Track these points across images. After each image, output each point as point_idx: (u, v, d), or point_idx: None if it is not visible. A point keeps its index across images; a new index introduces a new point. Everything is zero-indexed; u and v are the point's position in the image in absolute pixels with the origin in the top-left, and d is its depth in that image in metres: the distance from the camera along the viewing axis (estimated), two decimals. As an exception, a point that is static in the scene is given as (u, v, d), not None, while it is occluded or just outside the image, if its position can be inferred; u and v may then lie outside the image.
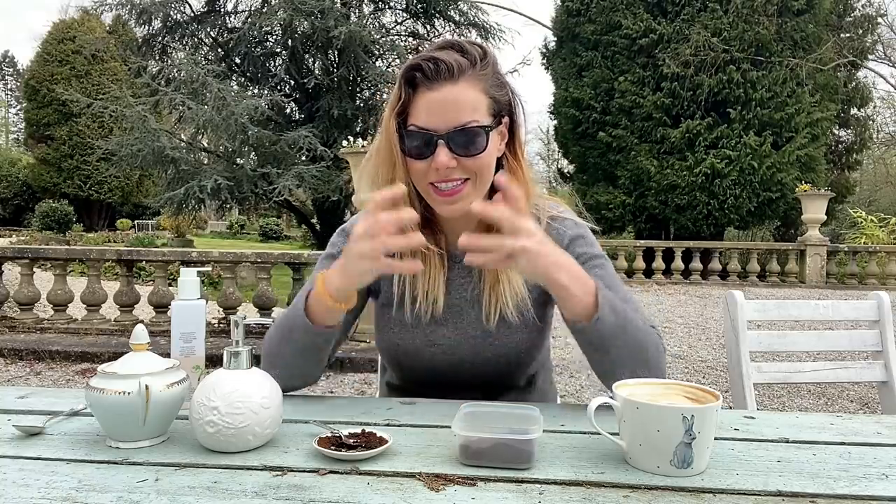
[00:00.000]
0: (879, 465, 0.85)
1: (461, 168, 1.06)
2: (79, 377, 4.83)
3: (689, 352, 6.16)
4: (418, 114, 1.06)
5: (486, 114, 1.06)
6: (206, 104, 12.40)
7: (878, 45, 19.59)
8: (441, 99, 1.04)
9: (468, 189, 1.08)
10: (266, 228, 31.71)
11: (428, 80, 1.04)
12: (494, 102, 1.08)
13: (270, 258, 6.07)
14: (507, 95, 1.11)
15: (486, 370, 1.21)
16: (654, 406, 0.82)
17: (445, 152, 1.04)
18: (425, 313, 1.18)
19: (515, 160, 1.14)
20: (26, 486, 0.74)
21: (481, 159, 1.06)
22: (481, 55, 1.08)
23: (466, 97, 1.05)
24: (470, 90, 1.05)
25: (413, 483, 0.77)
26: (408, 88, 1.07)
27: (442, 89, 1.04)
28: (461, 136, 1.04)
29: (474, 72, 1.06)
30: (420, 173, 1.08)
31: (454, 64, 1.04)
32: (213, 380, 0.87)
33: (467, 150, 1.05)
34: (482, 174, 1.08)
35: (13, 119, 54.30)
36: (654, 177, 14.35)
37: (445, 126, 1.04)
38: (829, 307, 1.79)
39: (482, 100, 1.06)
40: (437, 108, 1.04)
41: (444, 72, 1.04)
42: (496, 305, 1.16)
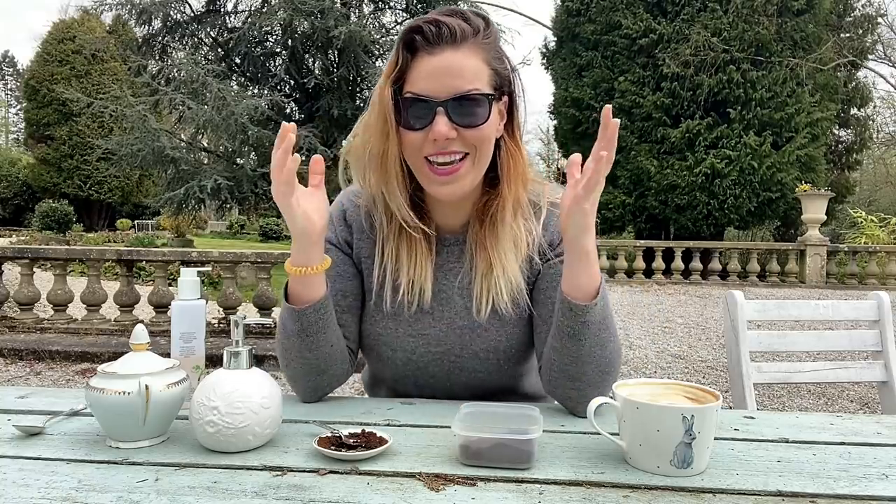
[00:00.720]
0: (879, 465, 0.85)
1: (460, 140, 1.00)
2: (79, 377, 4.83)
3: (689, 352, 6.16)
4: (416, 80, 0.99)
5: (487, 84, 1.00)
6: (206, 104, 12.39)
7: (878, 45, 19.61)
8: (442, 64, 0.98)
9: (466, 167, 1.02)
10: (266, 228, 31.70)
11: (428, 44, 0.98)
12: (496, 75, 1.02)
13: (270, 258, 6.07)
14: (507, 71, 1.05)
15: (473, 365, 1.14)
16: (654, 406, 0.82)
17: (445, 121, 0.97)
18: (409, 304, 1.11)
19: (513, 142, 1.08)
20: (26, 486, 0.74)
21: (482, 131, 1.00)
22: (484, 25, 1.02)
23: (469, 64, 0.99)
24: (472, 58, 0.99)
25: (413, 483, 0.77)
26: (406, 53, 1.00)
27: (443, 54, 0.98)
28: (462, 104, 0.98)
29: (477, 40, 1.00)
30: (415, 146, 1.01)
31: (457, 28, 0.98)
32: (213, 380, 0.87)
33: (468, 120, 0.99)
34: (482, 149, 1.02)
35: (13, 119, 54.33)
36: (654, 177, 14.35)
37: (446, 93, 0.97)
38: (829, 307, 1.79)
39: (484, 70, 1.00)
40: (437, 74, 0.98)
41: (447, 35, 0.98)
42: (488, 297, 1.09)
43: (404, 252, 1.11)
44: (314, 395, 1.11)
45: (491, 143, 1.04)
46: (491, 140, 1.03)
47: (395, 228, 1.11)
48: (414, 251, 1.10)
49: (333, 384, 1.12)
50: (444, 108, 0.98)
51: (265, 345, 5.30)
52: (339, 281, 1.14)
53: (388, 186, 1.06)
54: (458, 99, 0.98)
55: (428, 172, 1.03)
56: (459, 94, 0.98)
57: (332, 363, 1.09)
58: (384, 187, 1.07)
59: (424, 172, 1.03)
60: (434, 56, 0.98)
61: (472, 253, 1.12)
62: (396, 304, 1.12)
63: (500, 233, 1.09)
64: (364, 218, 1.16)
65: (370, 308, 1.15)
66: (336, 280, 1.13)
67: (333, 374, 1.10)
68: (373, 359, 1.23)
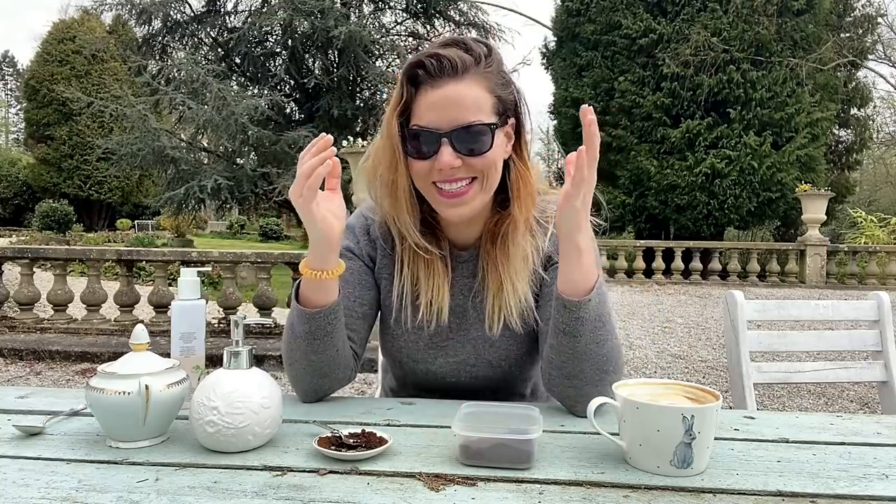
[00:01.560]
0: (879, 465, 0.85)
1: (466, 167, 1.03)
2: (79, 377, 4.83)
3: (689, 352, 6.16)
4: (421, 113, 1.03)
5: (490, 112, 1.03)
6: (206, 104, 12.39)
7: (878, 45, 19.61)
8: (444, 97, 1.01)
9: (474, 190, 1.05)
10: (266, 228, 31.70)
11: (431, 78, 1.02)
12: (499, 101, 1.05)
13: (270, 258, 6.07)
14: (512, 95, 1.08)
15: (487, 374, 1.19)
16: (654, 406, 0.82)
17: (449, 151, 1.01)
18: (429, 323, 1.15)
19: (522, 162, 1.11)
20: (26, 486, 0.74)
21: (486, 158, 1.03)
22: (486, 53, 1.05)
23: (471, 95, 1.02)
24: (474, 88, 1.02)
25: (413, 483, 0.77)
26: (410, 87, 1.04)
27: (445, 87, 1.01)
28: (465, 134, 1.01)
29: (479, 69, 1.03)
30: (423, 173, 1.05)
31: (458, 61, 1.01)
32: (213, 380, 0.87)
33: (472, 149, 1.02)
34: (489, 174, 1.05)
35: (13, 119, 54.34)
36: (654, 177, 14.35)
37: (449, 124, 1.01)
38: (829, 307, 1.79)
39: (487, 98, 1.03)
40: (440, 106, 1.01)
41: (448, 69, 1.01)
42: (500, 314, 1.13)
43: (422, 273, 1.15)
44: (314, 396, 1.12)
45: (497, 168, 1.07)
46: (497, 165, 1.06)
47: (410, 249, 1.15)
48: (431, 272, 1.14)
49: (335, 387, 1.13)
50: (448, 139, 1.01)
51: (265, 345, 5.30)
52: (359, 288, 1.17)
53: (399, 213, 1.11)
54: (461, 129, 1.01)
55: (437, 196, 1.07)
56: (462, 124, 1.01)
57: (337, 367, 1.11)
58: (395, 214, 1.12)
59: (434, 196, 1.07)
60: (437, 89, 1.02)
61: (484, 271, 1.15)
62: (417, 324, 1.16)
63: (512, 252, 1.12)
64: (384, 236, 1.19)
65: (391, 323, 1.19)
66: (356, 287, 1.17)
67: (336, 377, 1.12)
68: (395, 367, 1.28)
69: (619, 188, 14.97)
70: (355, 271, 1.17)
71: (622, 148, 14.90)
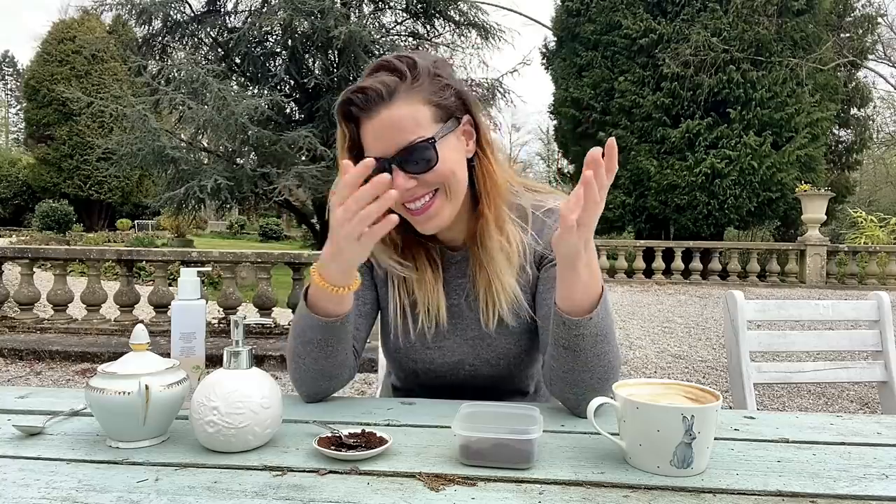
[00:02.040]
0: (879, 465, 0.85)
1: (423, 184, 1.04)
2: (79, 377, 4.83)
3: (689, 352, 6.16)
4: (367, 145, 1.04)
5: (431, 124, 1.03)
6: (206, 104, 12.39)
7: (878, 45, 19.62)
8: (381, 125, 1.02)
9: (440, 201, 1.06)
10: (266, 228, 31.72)
11: (363, 111, 1.03)
12: (439, 109, 1.04)
13: (270, 258, 6.07)
14: (453, 97, 1.06)
15: (485, 371, 1.20)
16: (654, 406, 0.82)
17: (401, 175, 1.02)
18: (428, 329, 1.17)
19: (486, 157, 1.11)
20: (26, 486, 0.74)
21: (437, 171, 1.03)
22: (411, 66, 1.04)
23: (405, 115, 1.01)
24: (406, 106, 1.02)
25: (413, 483, 0.77)
26: (350, 124, 1.06)
27: (380, 114, 1.02)
28: (409, 155, 1.01)
29: (406, 86, 1.03)
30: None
31: (381, 87, 1.01)
32: (213, 380, 0.87)
33: (420, 167, 1.02)
34: (448, 183, 1.05)
35: (13, 119, 54.33)
36: (654, 177, 14.36)
37: (393, 149, 1.01)
38: (829, 307, 1.79)
39: (424, 111, 1.03)
40: (380, 135, 1.02)
41: (374, 97, 1.01)
42: (493, 309, 1.14)
43: (415, 281, 1.17)
44: (318, 398, 1.13)
45: (456, 175, 1.06)
46: (453, 172, 1.06)
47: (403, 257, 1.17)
48: (424, 278, 1.16)
49: (337, 388, 1.15)
50: (396, 164, 1.02)
51: (265, 345, 5.30)
52: (362, 289, 1.17)
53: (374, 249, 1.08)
54: (403, 152, 1.01)
55: (409, 216, 1.08)
56: (403, 146, 1.01)
57: (343, 370, 1.13)
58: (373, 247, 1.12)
59: (407, 216, 1.08)
60: (372, 119, 1.03)
61: (473, 271, 1.17)
62: (417, 332, 1.19)
63: (490, 248, 1.13)
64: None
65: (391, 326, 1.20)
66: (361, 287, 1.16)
67: (341, 379, 1.14)
68: (396, 367, 1.29)
69: (619, 188, 14.96)
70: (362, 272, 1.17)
71: (622, 148, 14.88)
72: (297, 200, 17.10)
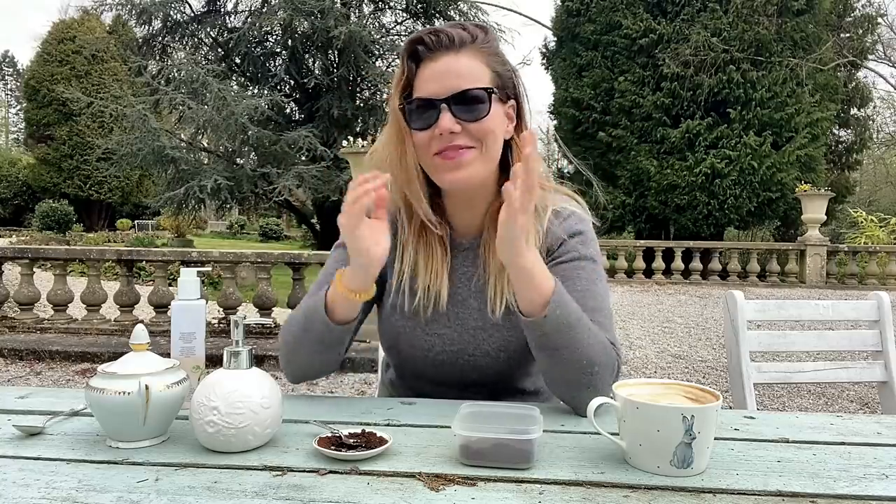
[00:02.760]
0: (879, 465, 0.85)
1: (465, 134, 1.06)
2: (79, 377, 4.83)
3: (689, 352, 6.16)
4: (421, 85, 1.07)
5: (489, 83, 1.07)
6: (206, 104, 12.40)
7: (878, 45, 19.62)
8: (443, 68, 1.05)
9: (473, 154, 1.07)
10: (266, 228, 31.72)
11: (430, 52, 1.06)
12: (497, 77, 1.09)
13: (270, 258, 6.07)
14: (510, 74, 1.11)
15: (484, 363, 1.18)
16: (654, 406, 0.82)
17: (448, 117, 1.04)
18: (426, 308, 1.17)
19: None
20: (26, 486, 0.74)
21: (485, 124, 1.06)
22: (483, 34, 1.09)
23: (468, 66, 1.06)
24: (472, 60, 1.06)
25: (413, 483, 0.77)
26: (410, 63, 1.08)
27: (444, 59, 1.05)
28: (463, 100, 1.04)
29: (475, 45, 1.07)
30: (425, 145, 1.08)
31: (455, 35, 1.06)
32: (213, 380, 0.87)
33: (470, 114, 1.05)
34: (487, 142, 1.07)
35: (13, 119, 54.34)
36: (654, 177, 14.35)
37: (446, 91, 1.04)
38: (829, 307, 1.79)
39: (485, 71, 1.07)
40: (438, 77, 1.05)
41: (446, 42, 1.05)
42: (502, 296, 1.14)
43: (422, 258, 1.17)
44: (304, 380, 1.18)
45: (496, 138, 1.09)
46: (496, 134, 1.08)
47: (414, 233, 1.18)
48: (431, 257, 1.17)
49: (324, 374, 1.20)
50: (446, 105, 1.04)
51: (265, 345, 5.30)
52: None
53: (410, 186, 1.13)
54: (458, 95, 1.04)
55: (438, 162, 1.08)
56: (459, 90, 1.04)
57: (333, 364, 1.16)
58: (406, 188, 1.14)
59: (435, 164, 1.09)
60: (436, 62, 1.06)
61: (485, 257, 1.17)
62: (413, 308, 1.18)
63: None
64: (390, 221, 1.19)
65: (388, 306, 1.21)
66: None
67: (331, 367, 1.18)
68: (393, 356, 1.28)
69: (619, 188, 14.96)
70: None
71: (622, 148, 14.90)
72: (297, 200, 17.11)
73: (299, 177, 12.38)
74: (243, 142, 13.08)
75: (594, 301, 1.11)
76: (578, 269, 1.13)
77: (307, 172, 12.34)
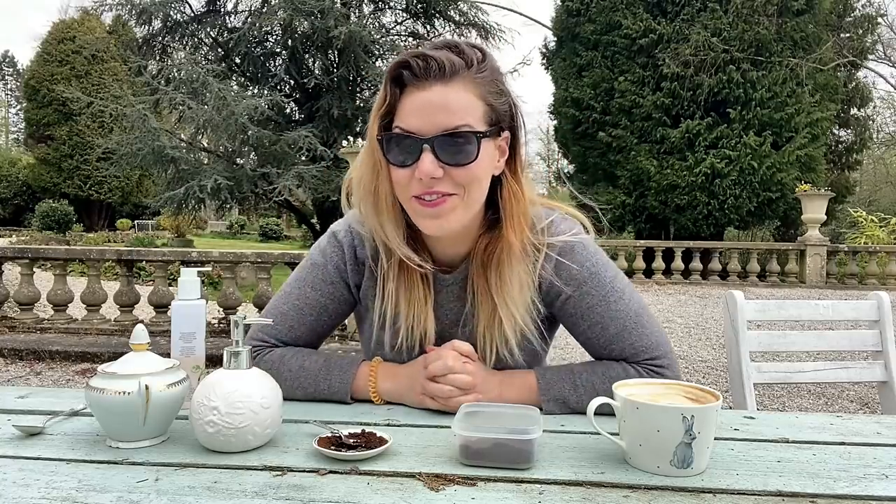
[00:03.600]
0: (879, 465, 0.85)
1: (448, 180, 0.95)
2: (79, 377, 4.82)
3: (689, 352, 6.16)
4: (404, 115, 0.95)
5: (480, 120, 0.96)
6: (206, 104, 12.40)
7: (878, 45, 19.62)
8: (430, 100, 0.93)
9: (452, 202, 0.97)
10: (266, 228, 31.71)
11: (416, 79, 0.94)
12: (491, 110, 0.97)
13: (270, 258, 6.07)
14: (507, 105, 1.00)
15: None
16: (654, 406, 0.82)
17: (431, 159, 0.93)
18: (409, 349, 1.10)
19: (515, 180, 1.03)
20: (26, 486, 0.74)
21: (471, 170, 0.95)
22: (479, 58, 0.97)
23: (458, 99, 0.94)
24: (463, 92, 0.94)
25: (413, 483, 0.77)
26: (394, 87, 0.97)
27: (432, 89, 0.93)
28: (449, 141, 0.93)
29: (469, 74, 0.95)
30: (403, 183, 0.97)
31: (446, 62, 0.93)
32: (213, 380, 0.87)
33: (455, 159, 0.94)
34: (471, 189, 0.97)
35: (13, 119, 54.33)
36: (654, 177, 14.35)
37: (433, 129, 0.93)
38: (829, 307, 1.79)
39: (477, 105, 0.95)
40: (424, 110, 0.93)
41: (435, 70, 0.93)
42: (492, 346, 1.07)
43: (402, 297, 1.08)
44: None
45: (481, 183, 0.99)
46: (481, 180, 0.99)
47: (394, 267, 1.08)
48: (413, 296, 1.08)
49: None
50: (429, 146, 0.93)
51: (265, 345, 5.29)
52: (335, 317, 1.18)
53: (384, 225, 1.04)
54: (445, 136, 0.93)
55: (416, 206, 0.99)
56: (447, 130, 0.93)
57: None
58: (378, 222, 1.05)
59: (413, 207, 1.00)
60: (423, 91, 0.94)
61: (474, 295, 1.08)
62: (396, 348, 1.11)
63: (507, 277, 1.04)
64: (372, 254, 1.13)
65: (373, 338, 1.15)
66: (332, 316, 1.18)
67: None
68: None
69: (619, 188, 14.96)
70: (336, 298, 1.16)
71: (622, 148, 14.89)
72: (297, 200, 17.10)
73: (299, 177, 12.38)
74: (243, 142, 13.08)
75: (614, 325, 1.06)
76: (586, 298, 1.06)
77: (307, 172, 12.34)
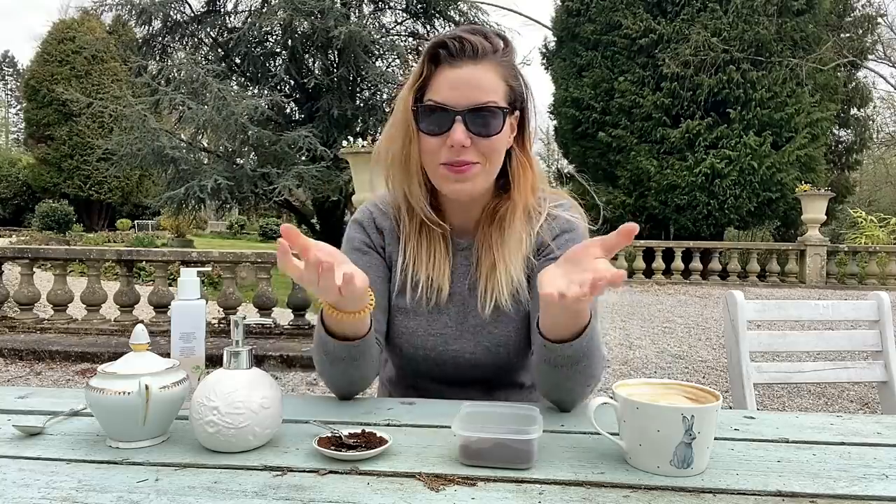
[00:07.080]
0: (879, 465, 0.85)
1: (474, 149, 1.07)
2: (79, 377, 4.83)
3: (689, 352, 6.16)
4: (438, 89, 1.07)
5: (503, 99, 1.09)
6: (206, 104, 12.39)
7: (878, 45, 19.58)
8: (462, 77, 1.06)
9: (476, 170, 1.09)
10: (266, 228, 31.70)
11: (451, 58, 1.07)
12: (511, 91, 1.10)
13: (270, 258, 6.07)
14: (521, 87, 1.13)
15: (486, 360, 1.20)
16: (654, 406, 0.82)
17: (462, 129, 1.05)
18: (428, 301, 1.18)
19: (524, 153, 1.16)
20: (26, 486, 0.74)
21: (494, 142, 1.08)
22: (503, 45, 1.11)
23: (487, 78, 1.07)
24: (490, 73, 1.07)
25: (413, 483, 0.77)
26: (430, 65, 1.09)
27: (464, 68, 1.06)
28: (479, 114, 1.06)
29: (496, 57, 1.08)
30: (432, 151, 1.09)
31: (479, 45, 1.07)
32: (213, 380, 0.87)
33: (483, 130, 1.06)
34: (492, 159, 1.10)
35: (13, 119, 54.34)
36: (654, 177, 14.34)
37: (465, 103, 1.05)
38: (829, 307, 1.79)
39: (501, 85, 1.08)
40: (457, 85, 1.06)
41: (469, 51, 1.06)
42: (491, 294, 1.16)
43: (424, 251, 1.19)
44: (352, 395, 1.16)
45: (501, 154, 1.12)
46: (501, 151, 1.12)
47: (416, 227, 1.20)
48: (433, 250, 1.19)
49: (368, 385, 1.17)
50: (462, 117, 1.05)
51: (265, 345, 5.30)
52: (378, 282, 1.20)
53: (411, 186, 1.15)
54: (475, 109, 1.06)
55: (444, 171, 1.09)
56: (477, 104, 1.06)
57: (373, 371, 1.15)
58: (407, 187, 1.16)
59: (441, 173, 1.10)
60: (456, 69, 1.07)
61: (479, 253, 1.19)
62: (415, 301, 1.19)
63: (507, 234, 1.16)
64: (393, 220, 1.24)
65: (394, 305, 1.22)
66: (376, 282, 1.19)
67: (370, 378, 1.16)
68: (394, 355, 1.28)
69: (619, 188, 14.95)
70: (373, 266, 1.21)
71: (622, 148, 14.88)
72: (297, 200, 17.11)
73: (299, 177, 12.38)
74: (243, 142, 13.08)
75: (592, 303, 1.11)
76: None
77: (307, 172, 12.34)
